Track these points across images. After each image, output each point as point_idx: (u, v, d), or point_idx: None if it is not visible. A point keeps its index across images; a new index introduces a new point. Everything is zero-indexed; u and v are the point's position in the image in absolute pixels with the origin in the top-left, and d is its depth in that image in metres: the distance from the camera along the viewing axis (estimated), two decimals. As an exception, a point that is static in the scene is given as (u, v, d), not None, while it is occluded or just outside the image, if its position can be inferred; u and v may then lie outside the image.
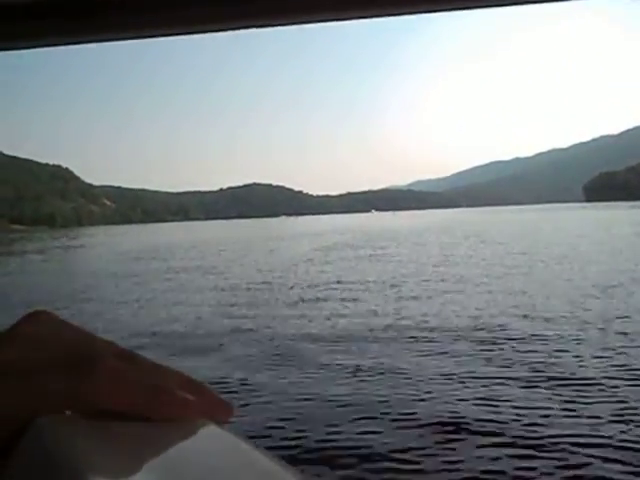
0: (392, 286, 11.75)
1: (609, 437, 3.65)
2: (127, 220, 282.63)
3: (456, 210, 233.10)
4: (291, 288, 12.32)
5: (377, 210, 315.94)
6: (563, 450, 3.51)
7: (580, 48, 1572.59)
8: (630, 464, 3.29)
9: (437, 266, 15.17)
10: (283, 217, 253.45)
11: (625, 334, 6.43)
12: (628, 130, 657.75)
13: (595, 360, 5.44)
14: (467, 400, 4.42)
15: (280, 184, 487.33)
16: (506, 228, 36.68)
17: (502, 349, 6.01)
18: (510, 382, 4.84)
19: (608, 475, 3.19)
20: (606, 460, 3.35)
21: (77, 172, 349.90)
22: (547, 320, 7.47)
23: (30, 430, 0.31)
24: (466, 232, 32.64)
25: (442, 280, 12.23)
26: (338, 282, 12.73)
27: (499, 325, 7.23)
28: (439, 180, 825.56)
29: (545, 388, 4.67)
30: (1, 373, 0.32)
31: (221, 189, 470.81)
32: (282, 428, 4.03)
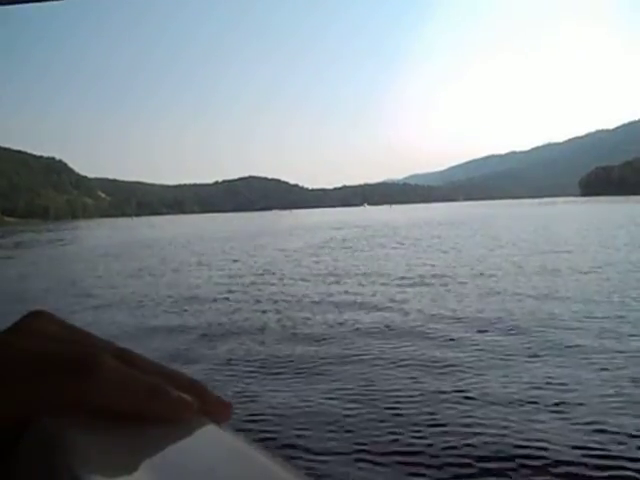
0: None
1: None
2: (122, 213, 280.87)
3: (454, 204, 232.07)
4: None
5: (370, 204, 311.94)
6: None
7: (575, 43, 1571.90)
8: None
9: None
10: (275, 211, 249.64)
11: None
12: (623, 125, 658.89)
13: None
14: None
15: (276, 177, 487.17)
16: (518, 224, 35.92)
17: None
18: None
19: None
20: None
21: (71, 164, 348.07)
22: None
23: (30, 430, 0.31)
24: (475, 227, 31.63)
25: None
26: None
27: None
28: (435, 174, 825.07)
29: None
30: (0, 373, 0.32)
31: (217, 182, 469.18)
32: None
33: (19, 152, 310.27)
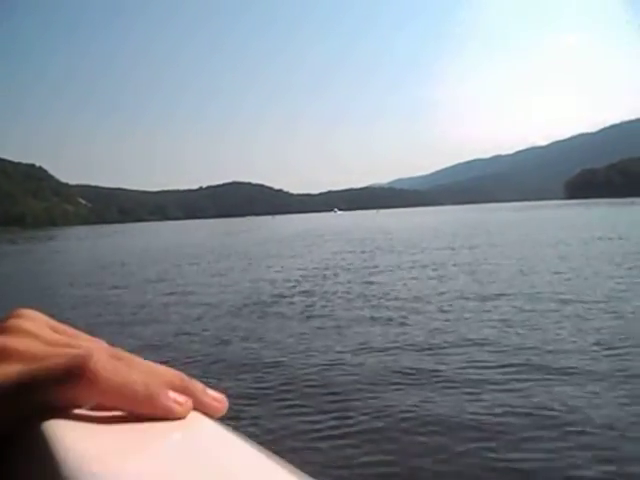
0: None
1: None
2: (103, 220, 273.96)
3: (441, 208, 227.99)
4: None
5: (340, 209, 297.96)
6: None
7: (558, 48, 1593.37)
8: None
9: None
10: (249, 217, 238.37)
11: None
12: (605, 128, 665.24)
13: None
14: None
15: (260, 182, 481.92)
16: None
17: None
18: None
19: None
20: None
21: (52, 171, 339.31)
22: None
23: (25, 432, 0.31)
24: (501, 237, 27.53)
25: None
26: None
27: None
28: (420, 178, 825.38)
29: None
30: None
31: (201, 187, 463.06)
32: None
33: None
